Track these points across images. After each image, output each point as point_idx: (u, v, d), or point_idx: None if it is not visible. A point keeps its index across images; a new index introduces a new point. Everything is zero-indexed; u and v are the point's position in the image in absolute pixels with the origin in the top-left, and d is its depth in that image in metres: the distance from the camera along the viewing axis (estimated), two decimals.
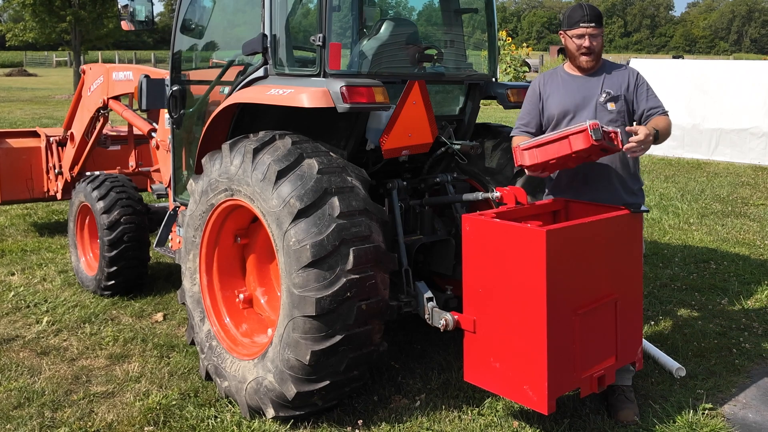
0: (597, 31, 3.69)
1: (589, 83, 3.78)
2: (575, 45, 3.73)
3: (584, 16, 3.66)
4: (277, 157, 3.40)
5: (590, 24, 3.67)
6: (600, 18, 3.70)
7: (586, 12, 3.67)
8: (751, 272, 6.16)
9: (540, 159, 3.42)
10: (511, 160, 4.26)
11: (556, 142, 3.38)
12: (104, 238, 5.23)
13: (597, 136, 3.27)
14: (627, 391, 3.75)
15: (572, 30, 3.71)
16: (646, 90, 3.76)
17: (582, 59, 3.75)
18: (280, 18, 3.90)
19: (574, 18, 3.69)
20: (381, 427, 3.58)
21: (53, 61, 57.16)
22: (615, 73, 3.79)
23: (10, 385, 3.98)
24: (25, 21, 28.51)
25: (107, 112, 6.13)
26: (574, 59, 3.79)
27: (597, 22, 3.68)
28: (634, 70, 3.83)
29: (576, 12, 3.70)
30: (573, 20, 3.69)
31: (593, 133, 3.27)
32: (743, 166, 12.21)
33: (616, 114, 3.70)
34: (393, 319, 3.73)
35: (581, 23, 3.68)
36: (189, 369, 4.21)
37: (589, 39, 3.69)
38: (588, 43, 3.70)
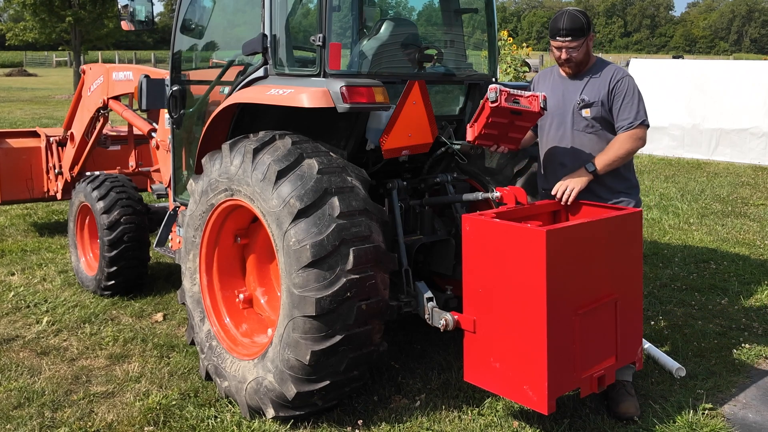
0: (574, 44, 3.71)
1: (572, 87, 3.85)
2: (555, 55, 3.81)
3: (560, 30, 3.70)
4: (277, 157, 3.40)
5: (566, 39, 3.70)
6: (578, 30, 3.69)
7: (563, 26, 3.69)
8: (751, 272, 6.16)
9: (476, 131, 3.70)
10: (511, 160, 4.27)
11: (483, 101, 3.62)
12: (104, 238, 5.23)
13: (491, 96, 3.47)
14: (628, 386, 3.76)
15: (552, 41, 3.78)
16: (623, 98, 3.74)
17: (564, 68, 3.85)
18: (280, 18, 3.90)
19: (553, 29, 3.74)
20: (381, 427, 3.58)
21: (53, 61, 57.17)
22: (599, 77, 3.80)
23: (10, 385, 3.98)
24: (26, 21, 28.53)
25: (107, 112, 6.13)
26: (559, 66, 3.89)
27: (574, 35, 3.69)
28: (618, 75, 3.79)
29: (555, 23, 3.74)
30: (552, 31, 3.76)
31: (490, 94, 3.47)
32: (743, 166, 12.21)
33: (591, 120, 3.76)
34: (393, 319, 3.73)
35: (557, 36, 3.72)
36: (189, 369, 4.21)
37: (567, 52, 3.74)
38: (565, 55, 3.75)
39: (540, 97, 3.54)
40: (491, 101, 3.47)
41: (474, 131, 3.70)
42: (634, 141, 3.70)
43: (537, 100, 3.53)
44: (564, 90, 3.87)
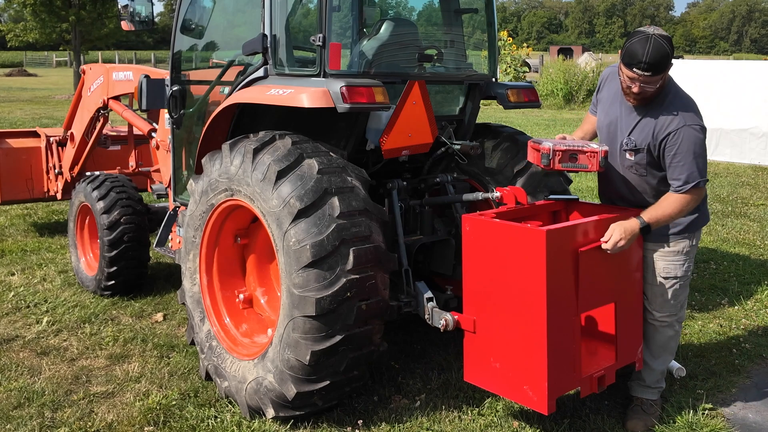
0: (652, 80, 3.20)
1: (625, 116, 3.45)
2: (624, 83, 3.32)
3: (641, 63, 3.15)
4: (277, 157, 3.40)
5: (645, 73, 3.18)
6: (660, 65, 3.17)
7: (645, 58, 3.14)
8: (751, 272, 6.16)
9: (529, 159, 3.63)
10: (511, 160, 4.27)
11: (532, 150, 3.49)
12: (104, 238, 5.23)
13: (544, 161, 3.32)
14: (645, 404, 3.71)
15: (625, 68, 3.25)
16: (673, 155, 3.29)
17: (628, 98, 3.39)
18: (280, 18, 3.90)
19: (632, 57, 3.18)
20: (381, 427, 3.58)
21: (53, 61, 57.15)
22: (654, 119, 3.34)
23: (10, 385, 3.98)
24: (26, 21, 28.51)
25: (107, 112, 6.13)
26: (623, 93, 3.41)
27: (654, 71, 3.17)
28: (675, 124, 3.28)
29: (636, 50, 3.17)
30: (629, 59, 3.20)
31: (542, 157, 3.33)
32: (743, 166, 12.21)
33: (635, 164, 3.44)
34: (393, 319, 3.73)
35: (635, 68, 3.19)
36: (189, 369, 4.21)
37: (640, 86, 3.24)
38: (637, 89, 3.26)
39: (600, 153, 3.27)
40: (543, 164, 3.27)
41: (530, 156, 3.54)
42: (686, 203, 3.32)
43: (597, 158, 3.26)
44: (619, 113, 3.47)
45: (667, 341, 3.68)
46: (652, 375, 3.71)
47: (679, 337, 3.83)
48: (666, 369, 3.79)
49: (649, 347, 3.69)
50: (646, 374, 3.71)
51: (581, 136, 3.78)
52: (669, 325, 3.64)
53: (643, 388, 3.73)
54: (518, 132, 4.46)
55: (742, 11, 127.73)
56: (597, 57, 35.05)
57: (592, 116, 3.81)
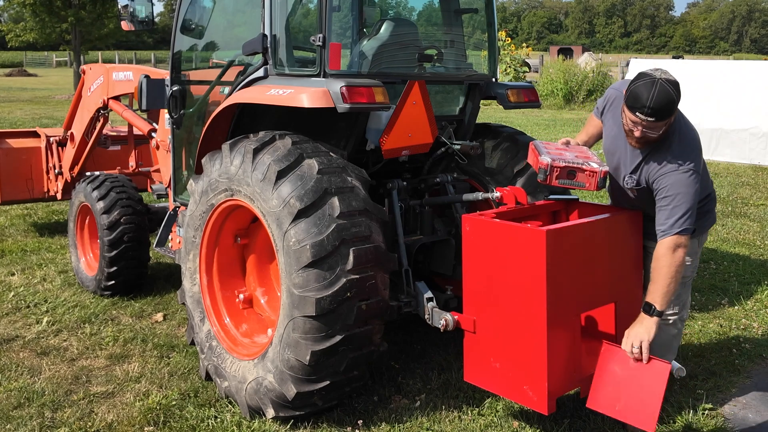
0: (655, 125, 3.10)
1: (629, 154, 3.37)
2: (626, 125, 3.22)
3: (644, 107, 3.05)
4: (277, 157, 3.40)
5: (648, 118, 3.07)
6: (665, 112, 3.06)
7: (649, 103, 3.03)
8: (751, 272, 6.16)
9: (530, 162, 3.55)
10: (511, 160, 4.27)
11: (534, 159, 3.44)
12: (104, 238, 5.23)
13: (540, 176, 3.29)
14: None
15: (628, 112, 3.14)
16: (662, 198, 3.21)
17: (630, 141, 3.29)
18: (280, 18, 3.90)
19: (635, 101, 3.08)
20: (381, 427, 3.58)
21: (53, 62, 57.14)
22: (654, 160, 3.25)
23: (10, 385, 3.98)
24: (26, 21, 28.51)
25: (107, 112, 6.13)
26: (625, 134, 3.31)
27: (658, 117, 3.06)
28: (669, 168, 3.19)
29: (641, 94, 3.06)
30: (633, 101, 3.09)
31: (540, 172, 3.29)
32: (743, 166, 12.21)
33: (637, 197, 3.43)
34: (393, 319, 3.73)
35: (638, 112, 3.08)
36: (189, 369, 4.21)
37: (642, 131, 3.14)
38: (639, 134, 3.16)
39: (600, 173, 3.22)
40: (540, 179, 3.23)
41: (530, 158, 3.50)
42: (674, 255, 3.15)
43: (595, 178, 3.21)
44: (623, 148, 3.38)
45: (670, 340, 3.67)
46: None
47: (681, 336, 3.83)
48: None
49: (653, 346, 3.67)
50: None
51: (585, 140, 3.72)
52: (672, 324, 3.64)
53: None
54: (518, 132, 4.47)
55: (742, 11, 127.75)
56: (597, 57, 35.05)
57: (597, 120, 3.72)
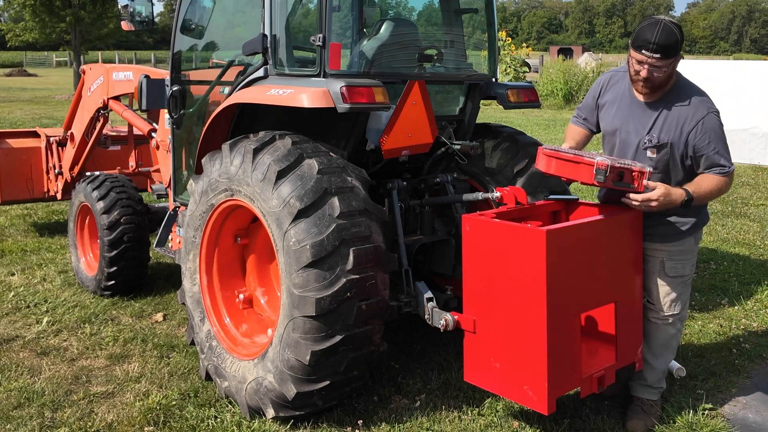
0: (661, 63, 3.16)
1: (642, 116, 3.38)
2: (633, 69, 3.28)
3: (651, 44, 3.13)
4: (277, 157, 3.40)
5: (654, 55, 3.15)
6: (671, 48, 3.14)
7: (654, 39, 3.12)
8: (751, 272, 6.16)
9: (553, 172, 3.34)
10: (511, 160, 4.27)
11: (572, 163, 3.22)
12: (104, 238, 5.23)
13: (599, 178, 3.10)
14: (646, 404, 3.70)
15: (634, 52, 3.22)
16: (707, 145, 3.25)
17: (636, 85, 3.34)
18: (280, 18, 3.90)
19: (641, 39, 3.17)
20: (381, 427, 3.58)
21: (53, 61, 57.14)
22: (676, 111, 3.30)
23: (10, 385, 3.98)
24: (26, 21, 28.51)
25: (107, 112, 6.13)
26: (631, 79, 3.37)
27: (664, 53, 3.13)
28: (702, 111, 3.27)
29: (645, 33, 3.16)
30: (638, 41, 3.18)
31: (596, 173, 3.10)
32: (743, 166, 12.20)
33: (656, 162, 3.37)
34: (393, 319, 3.73)
35: (644, 49, 3.16)
36: (189, 369, 4.21)
37: (649, 70, 3.20)
38: (646, 74, 3.21)
39: (647, 174, 3.17)
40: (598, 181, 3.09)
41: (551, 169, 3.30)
42: (724, 185, 3.29)
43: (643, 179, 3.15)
44: (631, 115, 3.40)
45: (669, 340, 3.68)
46: (653, 374, 3.71)
47: (681, 336, 3.83)
48: (667, 369, 3.79)
49: (651, 346, 3.69)
50: (647, 373, 3.71)
51: (573, 146, 3.71)
52: (671, 323, 3.65)
53: (644, 388, 3.73)
54: (518, 132, 4.47)
55: (742, 11, 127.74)
56: (597, 57, 35.07)
57: (579, 128, 3.73)
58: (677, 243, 3.54)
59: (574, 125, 3.78)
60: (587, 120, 3.72)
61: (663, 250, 3.56)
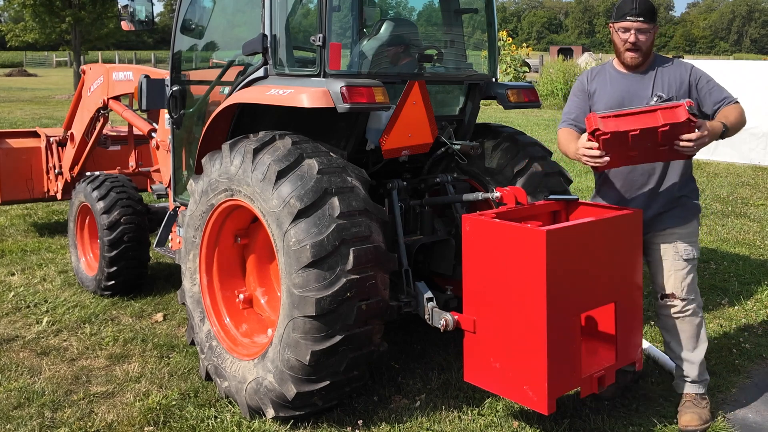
0: (646, 26, 3.44)
1: (639, 83, 3.57)
2: (620, 39, 3.50)
3: (633, 9, 3.42)
4: (277, 157, 3.40)
5: (638, 18, 3.42)
6: (652, 12, 3.45)
7: (635, 4, 3.42)
8: (751, 272, 6.16)
9: (621, 127, 3.14)
10: (511, 160, 4.26)
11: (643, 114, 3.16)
12: (104, 238, 5.23)
13: (692, 110, 3.11)
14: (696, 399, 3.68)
15: (618, 23, 3.48)
16: (707, 83, 3.51)
17: (626, 55, 3.52)
18: (280, 18, 3.90)
19: (623, 10, 3.45)
20: (381, 427, 3.58)
21: (53, 62, 57.15)
22: (667, 71, 3.56)
23: (10, 385, 3.98)
24: (26, 21, 28.51)
25: (107, 112, 6.13)
26: (619, 55, 3.57)
27: (647, 17, 3.43)
28: (687, 65, 3.58)
29: (625, 3, 3.45)
30: (621, 12, 3.46)
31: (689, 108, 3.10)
32: (743, 166, 12.21)
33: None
34: (393, 319, 3.73)
35: (628, 16, 3.43)
36: (189, 369, 4.21)
37: (636, 34, 3.45)
38: (634, 38, 3.45)
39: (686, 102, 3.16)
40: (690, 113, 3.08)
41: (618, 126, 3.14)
42: (742, 112, 3.45)
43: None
44: (628, 87, 3.56)
45: (697, 330, 3.65)
46: (693, 369, 3.68)
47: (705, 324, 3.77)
48: (704, 360, 3.72)
49: (681, 342, 3.65)
50: (688, 370, 3.68)
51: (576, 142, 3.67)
52: (693, 312, 3.63)
53: (690, 384, 3.70)
54: (518, 132, 4.47)
55: (742, 11, 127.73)
56: (597, 57, 35.07)
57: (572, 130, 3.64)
58: (688, 225, 3.63)
59: (565, 128, 3.70)
60: (577, 119, 3.68)
61: (675, 233, 3.62)
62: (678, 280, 3.62)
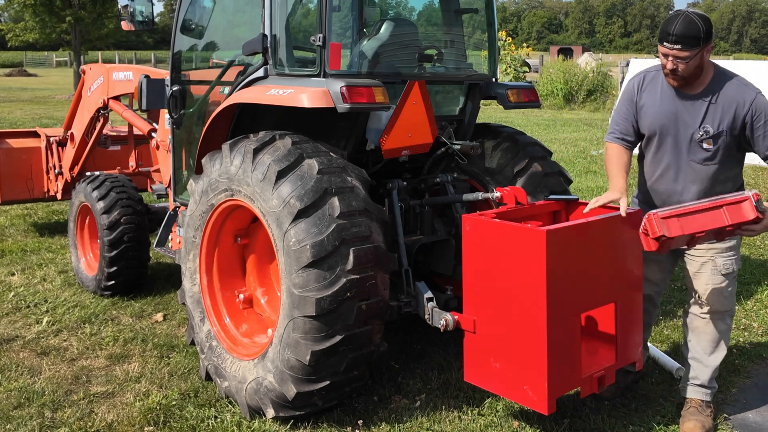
0: (684, 54, 3.20)
1: (690, 108, 3.36)
2: (661, 62, 3.33)
3: (669, 35, 3.19)
4: (277, 157, 3.40)
5: (674, 46, 3.20)
6: (692, 39, 3.17)
7: (673, 30, 3.18)
8: (751, 272, 6.15)
9: (686, 230, 3.03)
10: (511, 160, 4.26)
11: (707, 212, 3.01)
12: (104, 238, 5.23)
13: (761, 208, 2.97)
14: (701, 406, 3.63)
15: (659, 45, 3.29)
16: (764, 123, 3.28)
17: (668, 79, 3.37)
18: (280, 18, 3.90)
19: (662, 32, 3.23)
20: (381, 427, 3.58)
21: (53, 62, 57.14)
22: (723, 96, 3.32)
23: (10, 385, 3.98)
24: (26, 21, 28.52)
25: (107, 112, 6.13)
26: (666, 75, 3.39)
27: (684, 44, 3.17)
28: (749, 93, 3.30)
29: (666, 25, 3.22)
30: (660, 34, 3.25)
31: (757, 204, 2.97)
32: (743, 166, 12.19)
33: (714, 152, 3.37)
34: (393, 319, 3.73)
35: (665, 41, 3.23)
36: (189, 369, 4.21)
37: (673, 61, 3.24)
38: (671, 65, 3.26)
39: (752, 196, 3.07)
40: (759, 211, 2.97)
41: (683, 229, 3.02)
42: None
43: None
44: (677, 109, 3.39)
45: (720, 336, 3.60)
46: (705, 372, 3.62)
47: (730, 333, 3.73)
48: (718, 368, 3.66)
49: (701, 343, 3.62)
50: (699, 372, 3.63)
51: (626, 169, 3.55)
52: (721, 318, 3.59)
53: (696, 389, 3.64)
54: (518, 132, 4.47)
55: (742, 11, 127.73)
56: (597, 57, 35.03)
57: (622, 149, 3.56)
58: (727, 240, 3.49)
59: (614, 143, 3.61)
60: (626, 132, 3.57)
61: (713, 248, 3.53)
62: (715, 294, 3.55)
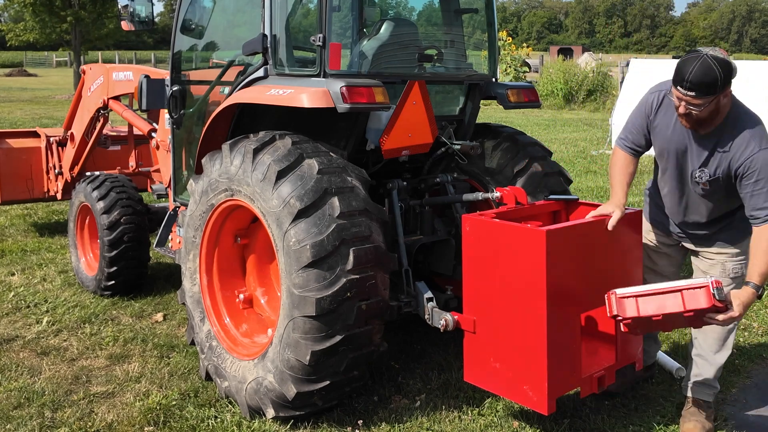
0: (698, 102, 3.04)
1: (698, 146, 3.29)
2: (675, 102, 3.18)
3: (684, 81, 3.02)
4: (277, 157, 3.40)
5: (688, 93, 3.04)
6: (708, 87, 3.00)
7: (689, 76, 3.00)
8: None
9: (642, 312, 3.00)
10: (511, 160, 4.26)
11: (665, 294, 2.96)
12: (104, 238, 5.23)
13: (720, 296, 2.88)
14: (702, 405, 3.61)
15: (672, 86, 3.13)
16: (754, 183, 3.14)
17: (681, 120, 3.23)
18: (280, 18, 3.90)
19: (677, 75, 3.07)
20: (381, 427, 3.58)
21: (53, 62, 57.15)
22: (728, 141, 3.19)
23: (10, 385, 3.98)
24: (26, 21, 28.53)
25: (107, 112, 6.13)
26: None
27: (699, 92, 3.01)
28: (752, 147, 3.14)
29: (682, 68, 3.04)
30: (675, 77, 3.08)
31: (716, 292, 2.87)
32: None
33: (709, 192, 3.35)
34: (393, 319, 3.73)
35: (679, 86, 3.06)
36: (189, 369, 4.21)
37: (686, 107, 3.10)
38: (683, 110, 3.12)
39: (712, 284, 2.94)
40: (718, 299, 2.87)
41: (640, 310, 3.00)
42: None
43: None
44: (686, 144, 3.32)
45: (726, 334, 3.58)
46: (709, 370, 3.60)
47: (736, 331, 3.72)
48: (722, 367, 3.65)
49: (707, 341, 3.60)
50: (703, 369, 3.61)
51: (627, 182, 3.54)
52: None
53: (699, 387, 3.63)
54: (518, 132, 4.47)
55: (742, 11, 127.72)
56: (597, 57, 35.03)
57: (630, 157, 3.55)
58: (738, 245, 3.48)
59: (625, 153, 3.58)
60: (637, 144, 3.54)
61: (724, 253, 3.52)
62: None
